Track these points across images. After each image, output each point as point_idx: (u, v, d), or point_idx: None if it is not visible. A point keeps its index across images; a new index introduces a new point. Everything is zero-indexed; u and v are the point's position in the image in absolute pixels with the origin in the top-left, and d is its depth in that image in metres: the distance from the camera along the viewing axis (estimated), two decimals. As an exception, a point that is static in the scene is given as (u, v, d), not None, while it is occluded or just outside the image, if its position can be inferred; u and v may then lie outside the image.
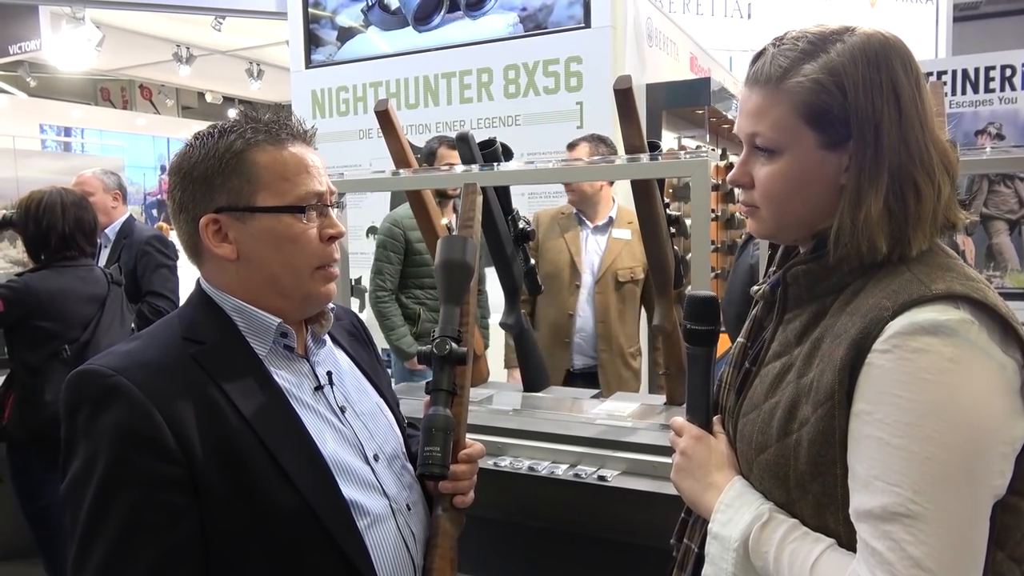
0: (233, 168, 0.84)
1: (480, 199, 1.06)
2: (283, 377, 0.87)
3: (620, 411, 1.72)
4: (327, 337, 0.96)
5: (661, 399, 1.85)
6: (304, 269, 0.87)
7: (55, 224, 2.16)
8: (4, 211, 2.38)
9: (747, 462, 0.79)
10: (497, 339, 2.84)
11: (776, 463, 0.74)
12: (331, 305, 0.95)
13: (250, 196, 0.84)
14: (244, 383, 0.82)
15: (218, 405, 0.79)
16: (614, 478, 1.43)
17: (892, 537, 0.64)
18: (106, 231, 2.77)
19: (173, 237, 3.03)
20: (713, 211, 4.06)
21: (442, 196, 2.56)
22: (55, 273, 2.17)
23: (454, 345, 0.96)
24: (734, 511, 0.76)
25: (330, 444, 0.86)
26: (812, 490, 0.71)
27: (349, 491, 0.85)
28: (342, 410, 0.91)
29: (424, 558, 0.92)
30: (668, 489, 1.37)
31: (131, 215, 2.93)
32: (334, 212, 0.90)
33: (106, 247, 2.80)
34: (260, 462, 0.79)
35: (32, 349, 2.12)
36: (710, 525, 0.78)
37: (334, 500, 0.83)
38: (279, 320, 0.87)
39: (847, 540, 0.69)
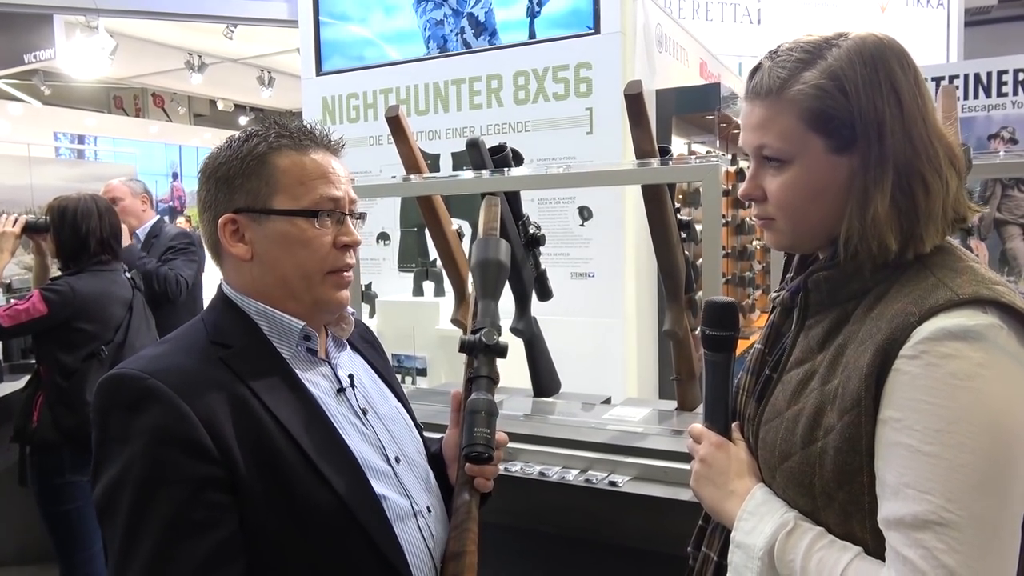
0: (253, 170, 0.86)
1: (499, 210, 1.11)
2: (307, 379, 0.87)
3: (631, 416, 1.71)
4: (346, 341, 0.97)
5: (672, 404, 1.84)
6: (314, 273, 0.87)
7: (94, 230, 2.22)
8: (25, 216, 2.40)
9: (770, 470, 0.77)
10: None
11: (801, 471, 0.73)
12: (351, 310, 0.95)
13: (267, 198, 0.85)
14: (273, 385, 0.83)
15: (250, 406, 0.80)
16: (625, 484, 1.42)
17: (924, 545, 0.63)
18: (136, 232, 2.86)
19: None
20: (724, 216, 4.04)
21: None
22: (92, 276, 2.22)
23: (498, 337, 0.98)
24: (758, 519, 0.75)
25: (356, 444, 0.87)
26: (838, 498, 0.70)
27: (379, 488, 0.86)
28: (363, 412, 0.92)
29: (450, 544, 0.91)
30: (680, 495, 1.37)
31: (161, 218, 3.01)
32: (352, 221, 0.90)
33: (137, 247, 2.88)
34: (295, 462, 0.79)
35: (69, 351, 2.15)
36: (733, 534, 0.77)
37: (369, 497, 0.84)
38: (303, 323, 0.88)
39: (874, 548, 0.68)
